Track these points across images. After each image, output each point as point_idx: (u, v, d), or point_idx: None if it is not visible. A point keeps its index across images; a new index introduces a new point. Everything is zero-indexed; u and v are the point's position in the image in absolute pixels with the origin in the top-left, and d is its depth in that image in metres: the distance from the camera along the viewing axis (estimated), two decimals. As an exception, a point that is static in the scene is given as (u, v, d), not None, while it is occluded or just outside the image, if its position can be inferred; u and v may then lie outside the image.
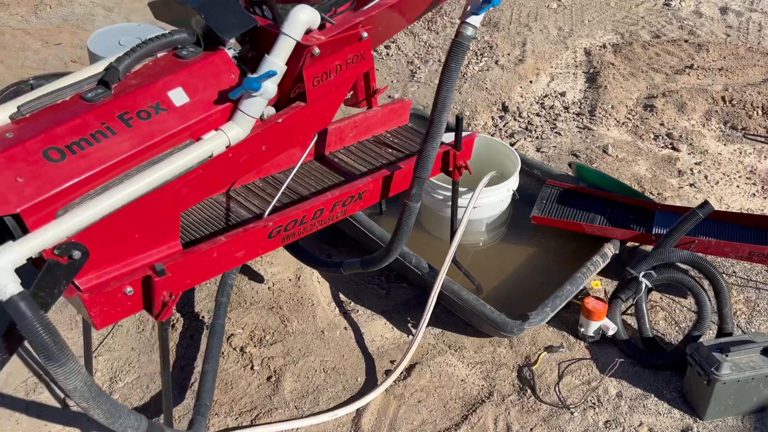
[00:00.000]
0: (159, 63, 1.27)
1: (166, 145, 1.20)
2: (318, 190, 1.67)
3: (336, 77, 1.40)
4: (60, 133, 1.11)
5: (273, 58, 1.23)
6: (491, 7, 1.37)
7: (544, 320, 1.87)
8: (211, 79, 1.26)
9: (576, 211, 2.20)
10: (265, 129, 1.32)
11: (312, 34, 1.29)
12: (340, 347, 2.03)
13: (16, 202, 1.04)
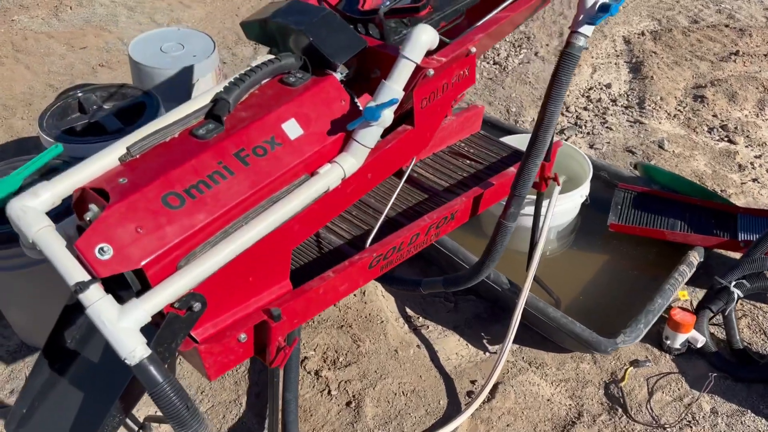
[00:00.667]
0: (267, 92, 1.17)
1: (282, 181, 1.11)
2: (404, 210, 1.58)
3: (442, 96, 1.30)
4: (177, 176, 1.02)
5: (392, 83, 1.13)
6: (609, 16, 1.27)
7: (638, 337, 1.79)
8: (323, 107, 1.17)
9: (653, 217, 2.11)
10: (375, 156, 1.23)
11: (432, 56, 1.19)
12: (416, 367, 1.94)
13: (138, 256, 0.95)
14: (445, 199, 1.62)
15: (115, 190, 1.00)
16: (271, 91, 1.17)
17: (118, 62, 3.44)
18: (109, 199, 0.99)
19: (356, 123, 1.12)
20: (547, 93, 1.36)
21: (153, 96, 2.16)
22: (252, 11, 3.98)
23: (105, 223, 0.95)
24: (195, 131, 1.09)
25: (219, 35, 3.72)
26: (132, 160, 1.08)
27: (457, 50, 1.20)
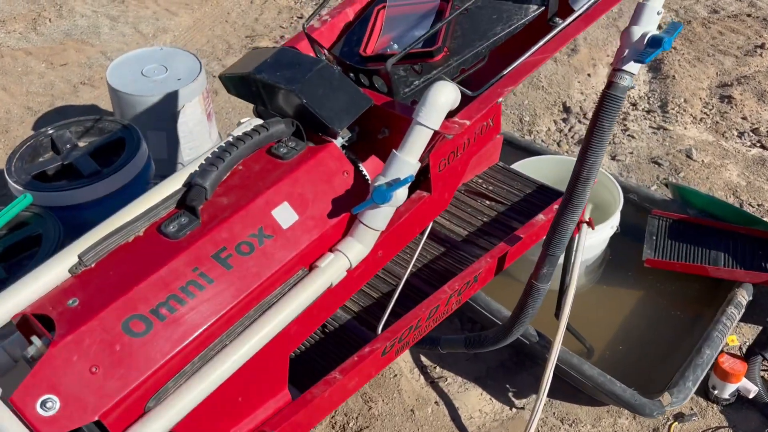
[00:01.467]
0: (252, 167, 0.96)
1: (274, 281, 0.90)
2: (418, 269, 1.37)
3: (463, 154, 1.09)
4: (142, 292, 0.81)
5: (406, 156, 0.92)
6: (661, 51, 1.05)
7: (687, 398, 1.59)
8: (322, 184, 0.96)
9: (693, 248, 1.89)
10: (386, 234, 1.02)
11: (455, 119, 0.97)
12: (436, 429, 1.75)
13: (94, 404, 0.75)
14: (465, 252, 1.41)
15: (62, 316, 0.80)
16: (258, 166, 0.96)
17: (100, 79, 3.23)
18: (54, 329, 0.79)
19: (362, 207, 0.91)
20: (587, 141, 1.15)
21: (133, 130, 1.96)
22: (243, 16, 3.77)
23: (49, 367, 0.75)
24: (164, 228, 0.88)
25: (208, 44, 3.50)
26: (85, 270, 0.87)
27: (483, 109, 0.99)
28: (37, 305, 0.83)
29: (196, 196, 0.91)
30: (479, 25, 1.04)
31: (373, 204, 0.91)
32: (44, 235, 1.61)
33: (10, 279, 1.45)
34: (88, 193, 1.81)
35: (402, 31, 1.08)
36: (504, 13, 1.05)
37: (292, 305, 0.88)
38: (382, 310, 1.21)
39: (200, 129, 2.35)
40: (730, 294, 1.77)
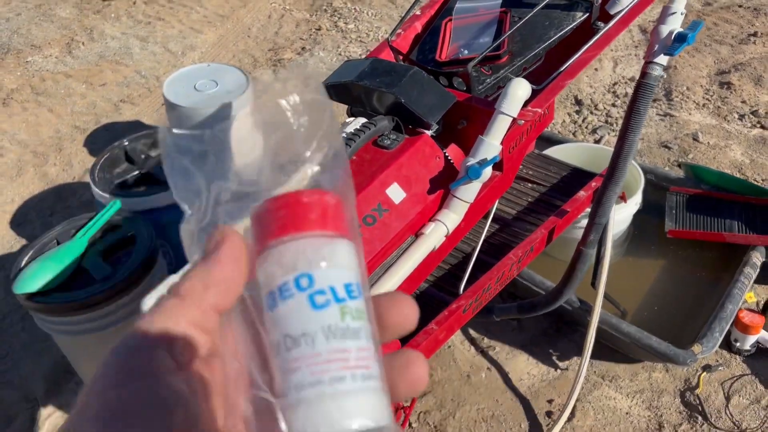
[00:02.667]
0: (364, 157, 1.17)
1: (391, 246, 1.11)
2: (481, 245, 1.58)
3: (526, 139, 1.31)
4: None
5: (491, 140, 1.13)
6: (687, 46, 1.27)
7: (715, 346, 1.80)
8: (421, 167, 1.17)
9: (709, 219, 2.11)
10: (469, 207, 1.24)
11: (528, 108, 1.19)
12: (491, 391, 1.95)
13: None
14: (517, 228, 1.63)
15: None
16: (369, 156, 1.17)
17: (139, 96, 3.44)
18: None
19: (460, 182, 1.13)
20: (625, 123, 1.37)
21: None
22: (263, 31, 3.98)
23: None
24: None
25: (234, 59, 3.71)
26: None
27: (548, 99, 1.20)
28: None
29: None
30: (535, 31, 1.25)
31: (467, 180, 1.12)
32: (138, 234, 1.81)
33: (114, 275, 1.66)
34: (166, 197, 2.01)
35: (469, 39, 1.29)
36: (555, 20, 1.27)
37: (408, 263, 1.09)
38: (455, 280, 1.42)
39: (251, 136, 2.55)
40: (746, 257, 1.99)
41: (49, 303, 1.56)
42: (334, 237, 0.38)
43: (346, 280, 0.37)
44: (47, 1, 4.33)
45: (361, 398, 0.35)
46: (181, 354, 0.34)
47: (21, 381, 2.06)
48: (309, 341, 0.35)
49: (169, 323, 0.35)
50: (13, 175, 2.91)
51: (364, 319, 0.37)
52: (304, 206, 0.38)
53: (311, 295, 0.36)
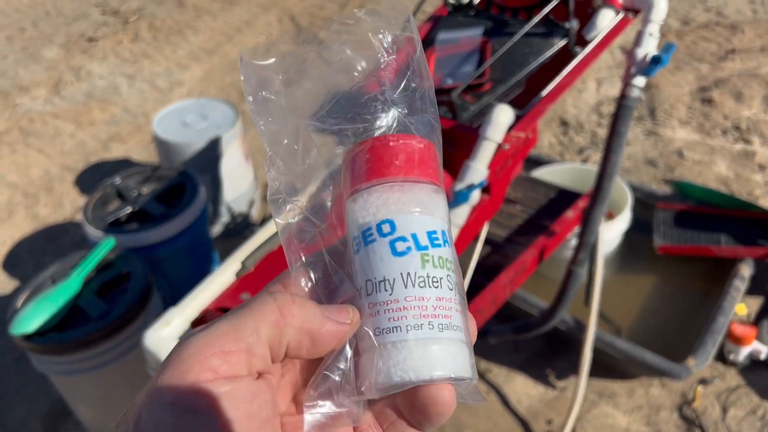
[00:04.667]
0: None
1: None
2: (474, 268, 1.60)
3: (512, 162, 1.34)
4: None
5: (477, 164, 1.16)
6: (661, 67, 1.31)
7: (708, 359, 1.82)
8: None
9: (697, 234, 2.14)
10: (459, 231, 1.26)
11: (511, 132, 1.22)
12: (490, 413, 1.96)
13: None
14: (508, 250, 1.65)
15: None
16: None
17: (128, 134, 3.46)
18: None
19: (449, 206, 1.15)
20: (608, 144, 1.40)
21: (189, 176, 2.18)
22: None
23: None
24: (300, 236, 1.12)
25: (222, 93, 3.75)
26: (247, 273, 1.10)
27: (531, 123, 1.24)
28: (219, 302, 1.05)
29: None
30: (516, 58, 1.29)
31: (456, 204, 1.15)
32: (132, 272, 1.82)
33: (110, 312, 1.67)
34: (160, 233, 2.02)
35: (452, 69, 1.32)
36: (534, 47, 1.30)
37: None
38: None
39: (240, 170, 2.58)
40: (734, 269, 2.02)
41: (46, 343, 1.57)
42: (420, 183, 0.38)
43: (430, 227, 0.37)
44: (33, 43, 4.37)
45: (438, 348, 0.34)
46: (253, 361, 0.34)
47: (18, 423, 2.05)
48: (388, 287, 0.35)
49: (250, 329, 0.34)
50: (4, 217, 2.91)
51: (447, 268, 0.37)
52: (391, 151, 0.37)
53: (392, 241, 0.36)
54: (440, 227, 0.38)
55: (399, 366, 0.34)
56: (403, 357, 0.34)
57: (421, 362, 0.34)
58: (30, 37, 4.46)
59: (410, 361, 0.34)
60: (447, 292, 0.36)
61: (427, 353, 0.34)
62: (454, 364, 0.35)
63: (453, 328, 0.35)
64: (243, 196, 2.65)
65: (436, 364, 0.34)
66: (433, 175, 0.39)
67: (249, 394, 0.34)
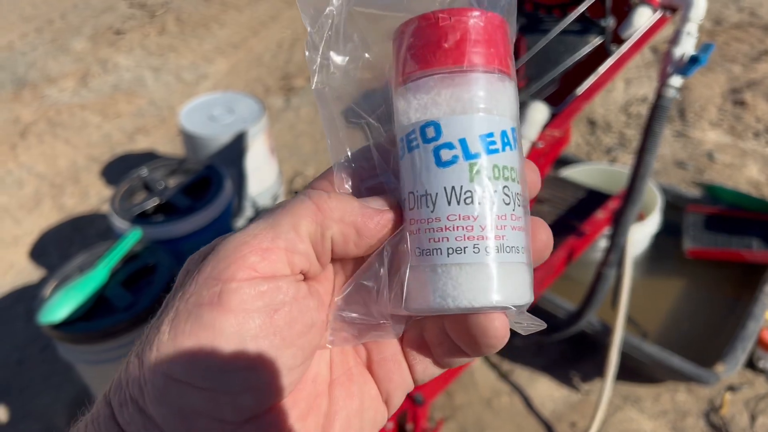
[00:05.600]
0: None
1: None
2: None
3: (545, 160, 1.32)
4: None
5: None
6: (699, 67, 1.28)
7: (738, 365, 1.78)
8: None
9: (727, 238, 2.10)
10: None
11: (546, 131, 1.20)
12: (513, 415, 1.94)
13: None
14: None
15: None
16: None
17: (153, 127, 3.48)
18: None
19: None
20: (642, 144, 1.37)
21: (215, 169, 2.18)
22: (274, 59, 4.03)
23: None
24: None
25: (247, 87, 3.75)
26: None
27: (566, 122, 1.22)
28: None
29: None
30: (550, 56, 1.27)
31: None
32: (158, 264, 1.82)
33: (136, 303, 1.67)
34: (185, 226, 2.02)
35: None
36: (569, 45, 1.28)
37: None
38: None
39: (265, 164, 2.58)
40: (765, 274, 1.98)
41: (73, 332, 1.58)
42: (474, 72, 0.31)
43: (486, 129, 0.31)
44: (62, 35, 4.40)
45: (483, 274, 0.30)
46: (294, 259, 0.32)
47: (42, 412, 2.06)
48: (429, 203, 0.31)
49: (287, 225, 0.32)
50: (32, 207, 2.94)
51: (507, 178, 0.31)
52: (440, 32, 0.31)
53: (436, 148, 0.31)
54: (500, 127, 0.31)
55: (438, 292, 0.31)
56: (443, 283, 0.31)
57: (463, 289, 0.30)
58: (58, 29, 4.50)
59: (450, 287, 0.30)
60: (500, 208, 0.31)
61: (470, 279, 0.30)
62: (502, 291, 0.31)
63: (505, 250, 0.31)
64: (267, 191, 2.65)
65: (479, 291, 0.30)
66: (495, 59, 0.31)
67: (290, 295, 0.32)
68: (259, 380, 0.31)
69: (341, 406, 0.35)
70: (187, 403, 0.30)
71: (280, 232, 0.32)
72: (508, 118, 0.32)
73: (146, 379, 0.31)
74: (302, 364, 0.33)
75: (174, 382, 0.30)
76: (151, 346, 0.31)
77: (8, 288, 2.51)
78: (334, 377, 0.36)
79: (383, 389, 0.37)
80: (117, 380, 0.33)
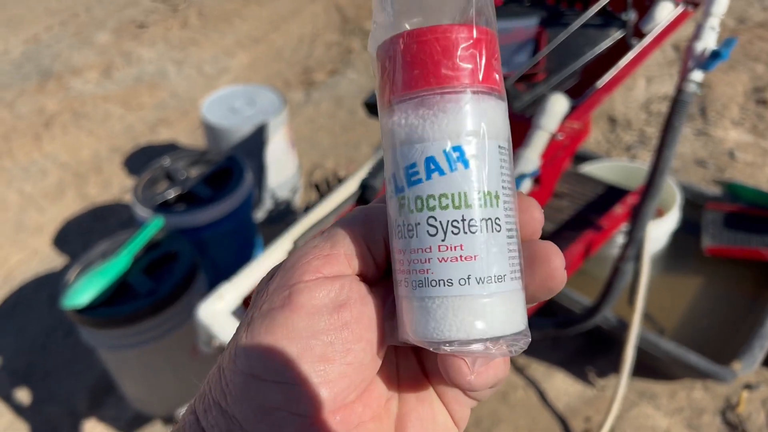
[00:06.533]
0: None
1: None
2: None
3: (564, 153, 1.32)
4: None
5: (531, 154, 1.15)
6: (721, 62, 1.28)
7: (756, 363, 1.77)
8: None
9: (747, 236, 2.09)
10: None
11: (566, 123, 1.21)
12: (528, 409, 1.95)
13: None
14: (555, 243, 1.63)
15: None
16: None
17: (175, 119, 3.52)
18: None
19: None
20: (662, 139, 1.37)
21: (236, 160, 2.21)
22: (295, 54, 4.05)
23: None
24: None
25: (267, 81, 3.78)
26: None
27: (586, 114, 1.22)
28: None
29: (371, 194, 1.15)
30: (571, 49, 1.27)
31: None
32: (179, 252, 1.85)
33: (157, 290, 1.70)
34: (206, 215, 2.05)
35: (506, 58, 1.31)
36: (590, 38, 1.29)
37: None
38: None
39: (285, 157, 2.60)
40: (786, 274, 1.97)
41: (96, 317, 1.61)
42: (455, 93, 0.30)
43: (408, 161, 0.30)
44: (86, 28, 4.46)
45: (472, 304, 0.29)
46: (355, 261, 0.34)
47: (65, 396, 2.10)
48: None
49: (342, 234, 0.34)
50: (55, 196, 2.99)
51: (431, 207, 0.30)
52: (413, 54, 0.29)
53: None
54: (428, 153, 0.30)
55: (426, 325, 0.30)
56: (431, 316, 0.30)
57: (452, 322, 0.29)
58: (83, 22, 4.56)
59: (441, 321, 0.30)
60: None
61: (461, 311, 0.29)
62: (495, 319, 0.30)
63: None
64: (287, 183, 2.68)
65: (470, 322, 0.29)
66: (490, 77, 0.30)
67: (354, 291, 0.33)
68: (334, 372, 0.32)
69: (412, 409, 0.37)
70: (266, 398, 0.32)
71: (337, 240, 0.34)
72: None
73: (227, 381, 0.33)
74: (372, 361, 0.34)
75: (253, 379, 0.32)
76: (231, 351, 0.33)
77: (32, 275, 2.55)
78: (402, 381, 0.38)
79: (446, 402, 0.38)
80: (201, 390, 0.35)
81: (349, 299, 0.33)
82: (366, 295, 0.34)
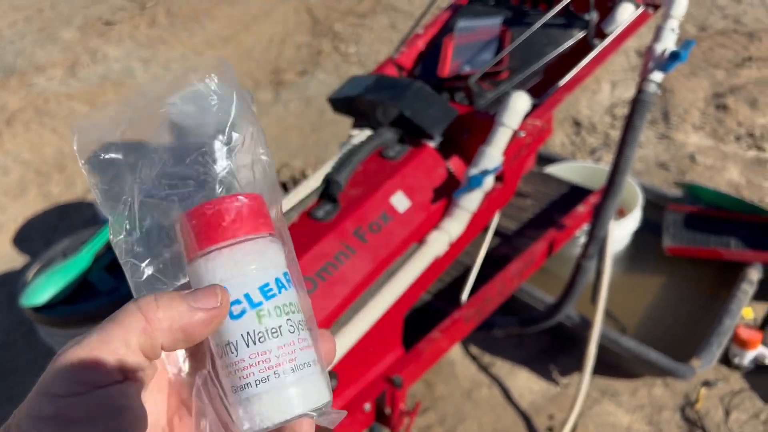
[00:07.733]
0: (370, 167, 1.21)
1: (395, 253, 1.14)
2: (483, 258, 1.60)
3: (527, 151, 1.34)
4: (308, 260, 1.05)
5: (492, 150, 1.16)
6: (680, 63, 1.31)
7: (713, 360, 1.81)
8: (424, 177, 1.20)
9: (706, 237, 2.14)
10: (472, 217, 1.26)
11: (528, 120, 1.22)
12: (492, 406, 1.96)
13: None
14: (518, 242, 1.65)
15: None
16: (374, 166, 1.20)
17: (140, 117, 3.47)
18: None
19: (462, 191, 1.16)
20: (622, 138, 1.40)
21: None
22: (264, 54, 4.04)
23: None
24: (314, 214, 1.13)
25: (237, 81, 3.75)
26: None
27: (548, 112, 1.24)
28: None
29: (335, 188, 1.15)
30: (534, 48, 1.29)
31: (469, 189, 1.15)
32: (143, 249, 1.82)
33: (119, 287, 1.68)
34: (171, 213, 2.03)
35: (470, 56, 1.33)
36: (553, 37, 1.31)
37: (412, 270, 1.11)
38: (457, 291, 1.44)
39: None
40: (743, 273, 2.02)
41: (55, 315, 1.58)
42: (246, 241, 0.38)
43: (262, 281, 0.38)
44: (51, 24, 4.39)
45: (286, 391, 0.37)
46: (127, 368, 0.35)
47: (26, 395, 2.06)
48: (233, 349, 0.37)
49: (119, 341, 0.35)
50: (17, 194, 2.93)
51: (288, 312, 0.38)
52: (209, 219, 0.38)
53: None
54: (274, 275, 0.38)
55: (256, 416, 0.37)
56: (257, 408, 0.37)
57: (274, 409, 0.37)
58: (48, 18, 4.48)
59: (264, 410, 0.37)
60: (288, 337, 0.38)
61: (277, 400, 0.37)
62: (303, 401, 0.38)
63: (299, 368, 0.38)
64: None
65: (286, 406, 0.37)
66: (260, 226, 0.39)
67: (129, 399, 0.35)
68: None
69: None
70: None
71: (113, 348, 0.34)
72: (278, 267, 0.39)
73: None
74: None
75: None
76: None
77: (-9, 274, 2.50)
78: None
79: None
80: None
81: (123, 410, 0.35)
82: (138, 397, 0.36)
